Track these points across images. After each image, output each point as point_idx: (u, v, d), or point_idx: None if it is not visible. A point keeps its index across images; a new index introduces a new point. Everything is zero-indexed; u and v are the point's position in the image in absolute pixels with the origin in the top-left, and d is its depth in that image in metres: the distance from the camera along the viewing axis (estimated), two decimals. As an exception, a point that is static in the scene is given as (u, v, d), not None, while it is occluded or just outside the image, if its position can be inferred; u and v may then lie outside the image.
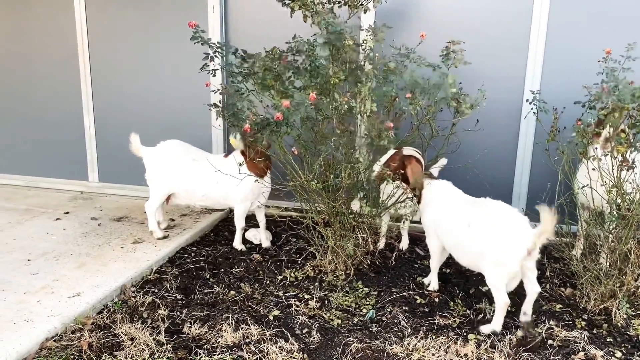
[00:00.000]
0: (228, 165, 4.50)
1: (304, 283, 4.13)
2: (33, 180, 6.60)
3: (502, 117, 5.08)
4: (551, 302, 3.86)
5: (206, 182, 4.61)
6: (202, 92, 5.50)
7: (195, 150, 4.80)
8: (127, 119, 5.93)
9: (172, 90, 5.87)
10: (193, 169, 4.64)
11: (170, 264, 4.45)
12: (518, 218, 3.36)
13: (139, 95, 6.03)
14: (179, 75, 5.78)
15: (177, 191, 4.74)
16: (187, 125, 5.72)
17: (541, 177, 4.83)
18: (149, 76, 5.96)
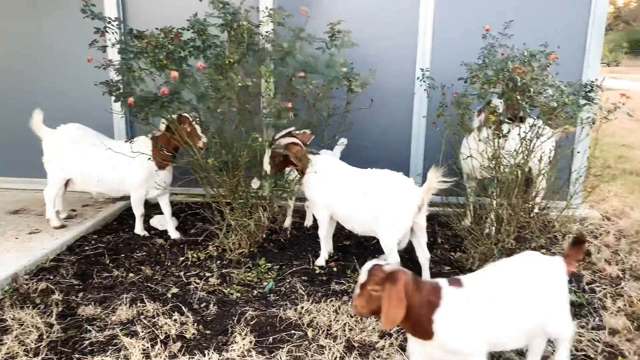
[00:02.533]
0: (126, 150, 4.44)
1: (206, 262, 4.17)
2: None
3: (396, 96, 5.33)
4: (440, 265, 4.13)
5: (102, 167, 4.53)
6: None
7: (96, 135, 4.69)
8: (21, 108, 5.66)
9: (68, 74, 5.67)
10: (90, 154, 4.55)
11: (69, 251, 4.35)
12: (405, 181, 3.67)
13: (32, 82, 5.78)
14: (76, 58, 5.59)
15: (73, 176, 4.63)
16: (86, 110, 5.54)
17: (434, 151, 5.11)
18: (41, 61, 5.73)
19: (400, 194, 3.56)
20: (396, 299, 2.22)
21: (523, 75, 3.41)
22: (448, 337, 2.30)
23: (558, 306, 2.53)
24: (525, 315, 2.42)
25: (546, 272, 2.53)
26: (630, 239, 4.68)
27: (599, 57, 5.08)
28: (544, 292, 2.48)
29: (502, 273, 2.51)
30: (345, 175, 3.90)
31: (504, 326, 2.39)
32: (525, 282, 2.46)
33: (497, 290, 2.41)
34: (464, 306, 2.33)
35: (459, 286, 2.39)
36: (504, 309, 2.38)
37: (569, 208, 3.98)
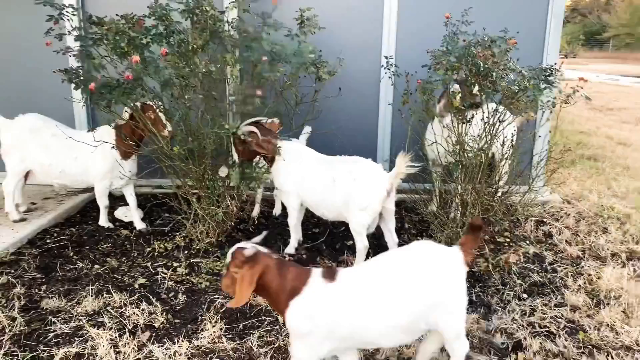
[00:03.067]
0: (88, 140, 4.33)
1: (173, 253, 4.12)
2: None
3: (363, 84, 5.36)
4: (408, 250, 4.18)
5: (64, 158, 4.40)
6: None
7: (57, 125, 4.54)
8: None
9: (24, 62, 5.48)
10: (51, 145, 4.41)
11: (30, 245, 4.22)
12: (374, 166, 3.70)
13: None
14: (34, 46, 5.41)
15: (33, 167, 4.49)
16: (44, 99, 5.38)
17: (401, 138, 5.16)
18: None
19: (369, 179, 3.59)
20: (246, 282, 2.25)
21: (485, 60, 3.47)
22: (295, 323, 2.30)
23: (451, 301, 2.37)
24: (404, 312, 2.29)
25: (438, 264, 2.39)
26: (589, 220, 4.85)
27: (557, 44, 5.22)
28: (433, 285, 2.33)
29: (388, 265, 2.40)
30: (314, 162, 3.90)
31: (374, 323, 2.29)
32: (411, 276, 2.34)
33: (375, 285, 2.33)
34: (325, 298, 2.29)
35: (331, 278, 2.34)
36: (376, 305, 2.29)
37: (531, 191, 4.09)
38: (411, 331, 2.38)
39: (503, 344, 2.94)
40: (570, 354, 2.86)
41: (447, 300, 2.35)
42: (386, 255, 2.50)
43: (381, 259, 2.45)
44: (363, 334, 2.32)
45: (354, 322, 2.28)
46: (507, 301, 3.46)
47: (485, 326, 3.12)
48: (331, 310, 2.28)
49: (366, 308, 2.28)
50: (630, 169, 6.72)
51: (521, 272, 3.88)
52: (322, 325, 2.28)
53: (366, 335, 2.33)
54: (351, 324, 2.28)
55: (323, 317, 2.28)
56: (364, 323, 2.29)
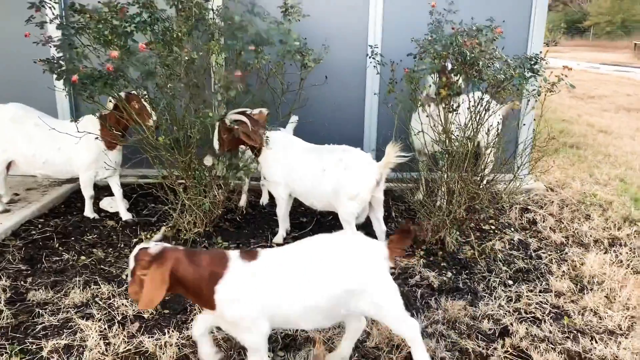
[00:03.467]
0: (72, 130, 4.26)
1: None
2: None
3: (349, 73, 5.35)
4: (395, 238, 4.21)
5: (47, 148, 4.33)
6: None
7: (39, 115, 4.47)
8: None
9: (5, 51, 5.37)
10: (34, 135, 4.34)
11: (14, 236, 4.16)
12: (363, 156, 3.72)
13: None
14: (14, 34, 5.29)
15: (15, 158, 4.41)
16: (26, 89, 5.28)
17: (388, 127, 5.17)
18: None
19: (359, 168, 3.60)
20: (158, 281, 2.19)
21: (471, 49, 3.49)
22: (226, 308, 2.27)
23: (373, 291, 2.36)
24: (322, 295, 2.30)
25: (359, 254, 2.40)
26: (572, 207, 4.93)
27: (542, 33, 5.26)
28: (351, 273, 2.34)
29: (310, 249, 2.41)
30: (302, 152, 3.90)
31: (292, 304, 2.30)
32: (330, 261, 2.35)
33: (294, 266, 2.34)
34: (248, 279, 2.29)
35: (251, 259, 2.34)
36: (295, 286, 2.30)
37: (517, 179, 4.14)
38: (330, 315, 2.40)
39: None
40: (556, 339, 2.92)
41: (368, 289, 2.35)
42: (310, 239, 2.50)
43: (305, 242, 2.47)
44: (284, 314, 2.32)
45: (275, 301, 2.29)
46: (494, 288, 3.51)
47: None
48: (255, 289, 2.28)
49: (286, 288, 2.30)
50: (611, 156, 6.84)
51: (506, 259, 3.94)
52: (251, 306, 2.28)
53: (287, 315, 2.34)
54: (273, 303, 2.29)
55: (250, 297, 2.27)
56: (283, 303, 2.30)
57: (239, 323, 2.31)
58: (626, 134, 8.24)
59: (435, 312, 3.15)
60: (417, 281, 3.57)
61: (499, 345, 2.86)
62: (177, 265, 2.24)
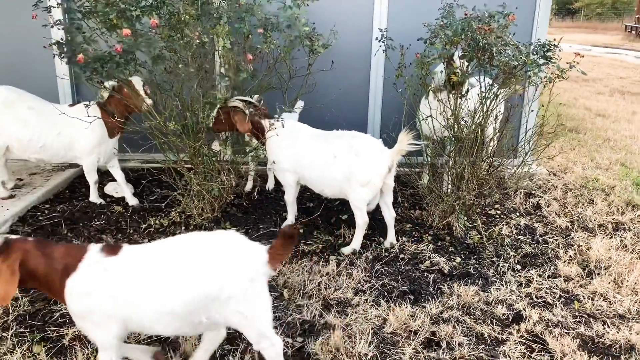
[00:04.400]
0: (72, 115, 4.21)
1: (170, 229, 4.09)
2: None
3: (353, 58, 5.32)
4: (402, 223, 4.25)
5: (45, 133, 4.27)
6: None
7: (32, 98, 4.35)
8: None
9: (8, 32, 5.27)
10: (28, 119, 4.24)
11: (22, 222, 4.13)
12: (375, 142, 3.71)
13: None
14: (14, 18, 5.20)
15: (10, 143, 4.31)
16: (29, 73, 5.20)
17: (392, 112, 5.19)
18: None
19: (371, 155, 3.60)
20: (7, 275, 2.07)
21: (488, 35, 3.48)
22: (74, 302, 2.15)
23: (240, 299, 2.17)
24: (177, 299, 2.13)
25: (227, 257, 2.19)
26: (575, 192, 4.99)
27: (547, 19, 5.25)
28: (215, 279, 2.15)
29: (177, 248, 2.25)
30: (310, 138, 3.88)
31: (144, 306, 2.15)
32: (191, 262, 2.18)
33: (153, 265, 2.18)
34: (100, 274, 2.15)
35: (111, 254, 2.20)
36: (149, 286, 2.14)
37: (525, 165, 4.17)
38: (189, 322, 2.19)
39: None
40: (569, 324, 2.98)
41: (233, 297, 2.15)
42: (184, 236, 2.33)
43: (175, 240, 2.30)
44: (138, 316, 2.16)
45: (128, 301, 2.13)
46: (503, 273, 3.57)
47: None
48: (108, 286, 2.14)
49: (140, 288, 2.14)
50: (610, 140, 6.90)
51: (514, 243, 3.99)
52: (100, 303, 2.13)
53: (141, 319, 2.17)
54: (125, 302, 2.14)
55: (100, 293, 2.13)
56: (136, 304, 2.14)
57: (87, 318, 2.17)
58: (623, 118, 8.32)
59: (450, 298, 3.19)
60: (427, 267, 3.61)
61: (514, 330, 2.91)
62: (26, 257, 2.12)
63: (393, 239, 3.89)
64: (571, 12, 46.40)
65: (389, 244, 3.87)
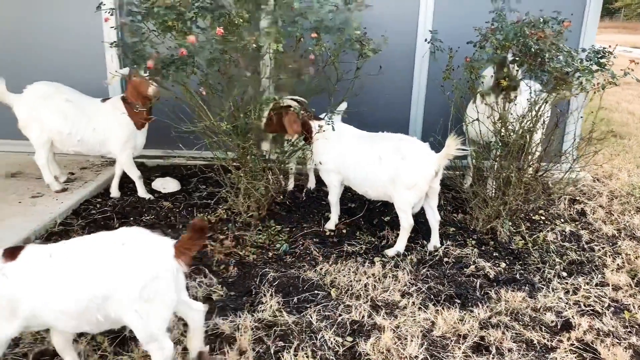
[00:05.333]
0: (104, 111, 4.36)
1: (217, 225, 4.19)
2: None
3: (397, 60, 5.32)
4: (445, 226, 4.26)
5: (83, 127, 4.40)
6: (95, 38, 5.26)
7: (69, 91, 4.50)
8: (12, 69, 5.45)
9: (66, 31, 5.47)
10: (67, 111, 4.39)
11: (75, 215, 4.29)
12: (422, 145, 3.74)
13: (25, 42, 5.55)
14: (71, 16, 5.39)
15: (52, 136, 4.46)
16: (82, 71, 5.40)
17: (434, 115, 5.18)
18: (35, 20, 5.50)
19: (418, 158, 3.63)
20: None
21: (543, 41, 3.47)
22: None
23: (133, 300, 2.16)
24: (73, 300, 2.15)
25: (129, 257, 2.19)
26: (621, 199, 4.92)
27: (596, 23, 5.17)
28: (108, 276, 2.16)
29: (77, 247, 2.28)
30: (355, 139, 3.94)
31: (43, 306, 2.18)
32: (88, 264, 2.19)
33: (51, 267, 2.20)
34: (2, 280, 2.18)
35: (10, 258, 2.21)
36: (47, 288, 2.17)
37: (572, 171, 4.14)
38: (87, 321, 2.22)
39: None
40: (620, 334, 2.97)
41: (130, 297, 2.15)
42: (85, 238, 2.38)
43: (76, 241, 2.33)
44: (39, 314, 2.20)
45: (31, 301, 2.18)
46: (549, 279, 3.55)
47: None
48: (8, 287, 2.17)
49: (39, 288, 2.18)
50: (656, 147, 6.76)
51: (559, 250, 3.96)
52: (3, 305, 2.17)
53: (41, 316, 2.21)
54: (29, 303, 2.18)
55: (1, 297, 2.17)
56: (37, 303, 2.18)
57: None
58: (668, 123, 8.12)
59: (497, 303, 3.21)
60: (472, 271, 3.62)
61: (564, 337, 2.91)
62: None
63: (437, 242, 3.91)
64: (610, 12, 45.20)
65: (433, 247, 3.89)
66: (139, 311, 2.16)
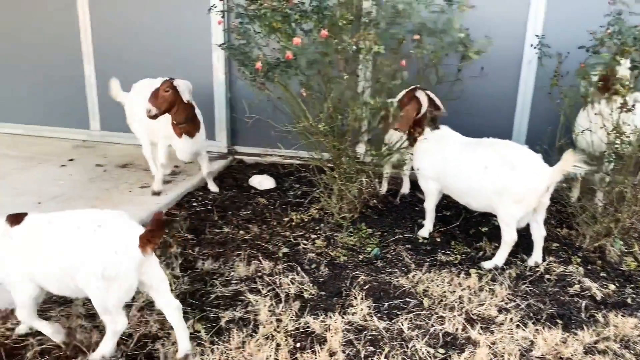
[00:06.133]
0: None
1: (309, 224, 4.26)
2: (33, 129, 6.58)
3: (502, 64, 5.09)
4: (548, 241, 4.00)
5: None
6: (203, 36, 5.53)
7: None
8: (127, 66, 5.89)
9: (174, 33, 5.82)
10: None
11: (178, 207, 4.54)
12: (534, 156, 3.50)
13: (139, 42, 5.98)
14: (181, 18, 5.73)
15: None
16: (189, 71, 5.71)
17: (539, 123, 4.93)
18: (149, 21, 5.89)
19: (529, 170, 3.40)
20: None
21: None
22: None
23: (102, 277, 2.41)
24: (57, 266, 2.47)
25: (103, 238, 2.45)
26: None
27: None
28: (74, 247, 2.45)
29: (63, 218, 2.58)
30: (461, 145, 3.79)
31: (36, 268, 2.51)
32: (71, 237, 2.48)
33: (45, 234, 2.51)
34: (8, 240, 2.53)
35: (15, 223, 2.55)
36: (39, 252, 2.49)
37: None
38: (65, 286, 2.53)
39: None
40: None
41: (93, 273, 2.40)
42: (75, 212, 2.66)
43: (68, 214, 2.63)
44: (35, 278, 2.55)
45: (26, 265, 2.52)
46: (667, 306, 3.24)
47: None
48: (10, 253, 2.53)
49: (29, 253, 2.51)
50: None
51: (679, 274, 3.60)
52: (8, 268, 2.54)
53: (38, 280, 2.55)
54: (25, 266, 2.52)
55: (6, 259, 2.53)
56: (33, 268, 2.52)
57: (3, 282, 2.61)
58: None
59: (605, 328, 2.97)
60: (577, 291, 3.39)
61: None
62: None
63: (539, 259, 3.69)
64: None
65: (534, 263, 3.68)
66: (99, 287, 2.43)
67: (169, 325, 2.73)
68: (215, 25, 5.33)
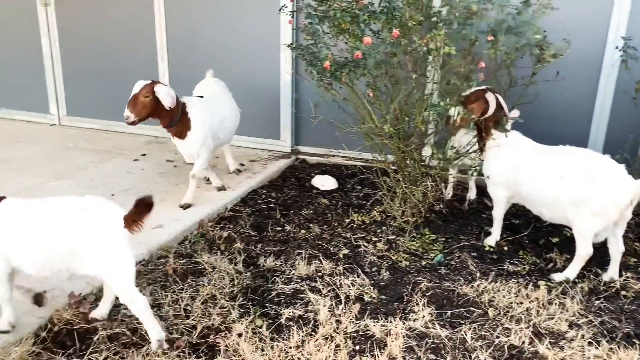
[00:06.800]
0: None
1: (371, 227, 4.21)
2: (108, 125, 6.91)
3: (580, 67, 4.83)
4: (626, 256, 3.76)
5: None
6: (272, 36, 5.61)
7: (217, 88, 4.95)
8: (199, 65, 6.06)
9: (244, 33, 5.94)
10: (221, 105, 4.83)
11: (243, 204, 4.63)
12: (617, 167, 3.27)
13: (210, 41, 6.15)
14: (251, 19, 5.83)
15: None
16: (257, 71, 5.82)
17: (619, 130, 4.65)
18: (220, 21, 6.04)
19: (611, 182, 3.18)
20: None
21: None
22: None
23: (96, 254, 2.54)
24: (41, 249, 2.53)
25: (85, 215, 2.55)
26: None
27: None
28: (69, 233, 2.52)
29: (48, 204, 2.63)
30: (535, 152, 3.61)
31: (20, 253, 2.58)
32: (57, 216, 2.55)
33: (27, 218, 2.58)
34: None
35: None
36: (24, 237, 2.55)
37: None
38: (51, 269, 2.60)
39: None
40: None
41: (90, 251, 2.53)
42: (56, 199, 2.69)
43: (49, 201, 2.67)
44: (16, 261, 2.61)
45: (13, 248, 2.58)
46: None
47: None
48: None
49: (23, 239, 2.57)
50: None
51: None
52: None
53: (20, 263, 2.62)
54: (11, 250, 2.59)
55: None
56: (14, 251, 2.59)
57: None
58: None
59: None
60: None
61: None
62: None
63: (615, 274, 3.46)
64: None
65: (609, 278, 3.46)
66: (105, 267, 2.57)
67: (231, 319, 2.78)
68: (284, 26, 5.40)
